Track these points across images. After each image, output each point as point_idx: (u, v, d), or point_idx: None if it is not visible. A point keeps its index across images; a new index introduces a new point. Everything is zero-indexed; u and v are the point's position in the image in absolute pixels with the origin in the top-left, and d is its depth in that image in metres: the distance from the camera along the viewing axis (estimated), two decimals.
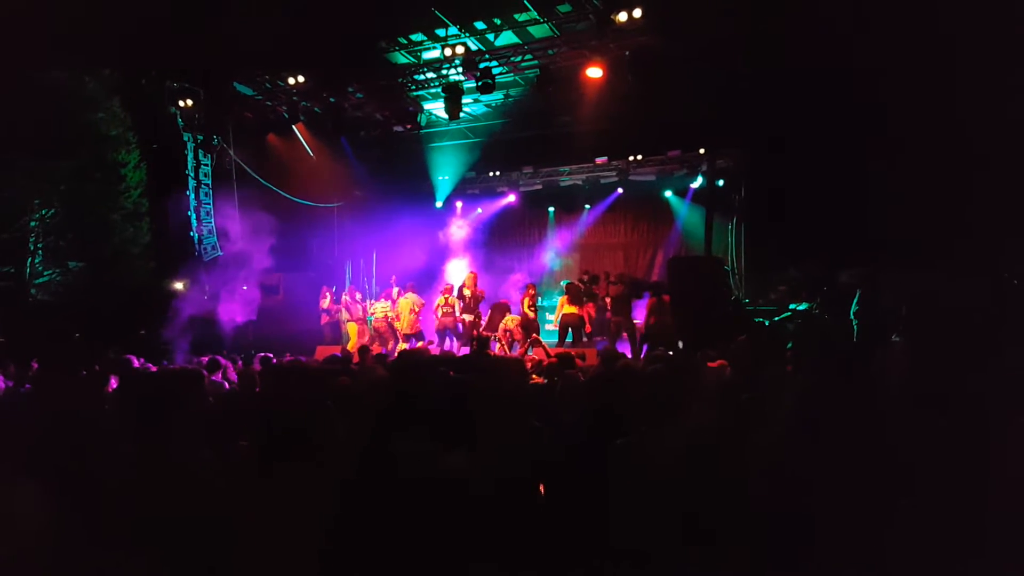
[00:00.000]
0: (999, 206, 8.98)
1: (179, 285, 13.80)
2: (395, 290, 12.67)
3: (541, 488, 2.65)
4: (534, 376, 6.00)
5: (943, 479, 2.23)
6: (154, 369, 6.29)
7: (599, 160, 15.86)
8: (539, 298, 12.38)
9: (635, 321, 11.39)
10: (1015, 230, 8.88)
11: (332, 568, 2.29)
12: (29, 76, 12.19)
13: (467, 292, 11.75)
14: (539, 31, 11.94)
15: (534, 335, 10.57)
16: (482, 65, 12.00)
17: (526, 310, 11.09)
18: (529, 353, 9.74)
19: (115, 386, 4.94)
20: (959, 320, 7.27)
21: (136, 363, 6.24)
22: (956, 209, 9.41)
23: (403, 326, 12.07)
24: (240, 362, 7.47)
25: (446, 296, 11.82)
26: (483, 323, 11.68)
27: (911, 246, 9.71)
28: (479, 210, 18.30)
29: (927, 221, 9.62)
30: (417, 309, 12.09)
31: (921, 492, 2.23)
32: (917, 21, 8.96)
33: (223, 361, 6.11)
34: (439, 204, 18.00)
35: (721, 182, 14.60)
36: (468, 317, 11.64)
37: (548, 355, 7.66)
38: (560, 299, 11.59)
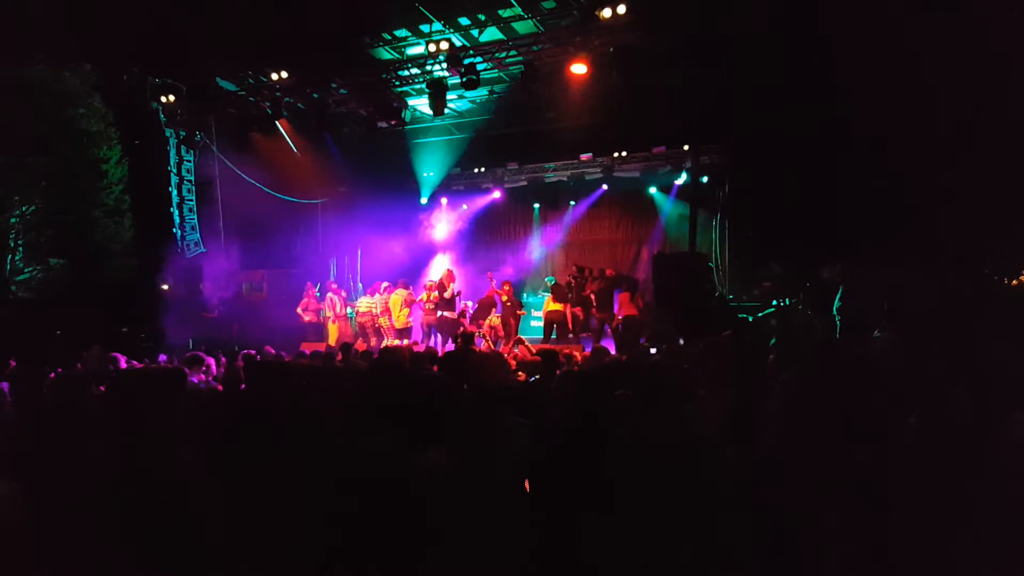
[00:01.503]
0: (978, 204, 9.11)
1: (164, 287, 13.68)
2: (384, 284, 12.61)
3: (526, 485, 2.66)
4: (520, 373, 6.02)
5: (933, 475, 2.25)
6: (138, 366, 6.24)
7: (584, 156, 15.89)
8: (522, 294, 12.37)
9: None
10: (993, 228, 9.02)
11: (314, 566, 2.29)
12: (7, 72, 12.02)
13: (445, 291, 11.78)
14: (523, 27, 11.93)
15: (516, 334, 10.61)
16: (466, 61, 11.98)
17: (504, 305, 11.14)
18: (515, 350, 9.76)
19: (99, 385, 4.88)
20: (941, 314, 7.35)
21: (122, 361, 6.19)
22: (938, 206, 9.53)
23: (396, 321, 12.04)
24: (224, 359, 7.42)
25: (429, 293, 11.82)
26: (465, 320, 11.70)
27: (893, 242, 9.83)
28: (464, 206, 18.24)
29: (909, 218, 9.74)
30: (408, 304, 12.07)
31: (912, 489, 2.24)
32: (896, 22, 9.06)
33: (205, 357, 6.05)
34: (424, 200, 17.96)
35: (705, 179, 14.67)
36: (448, 314, 11.64)
37: (531, 353, 7.68)
38: (547, 297, 11.63)
